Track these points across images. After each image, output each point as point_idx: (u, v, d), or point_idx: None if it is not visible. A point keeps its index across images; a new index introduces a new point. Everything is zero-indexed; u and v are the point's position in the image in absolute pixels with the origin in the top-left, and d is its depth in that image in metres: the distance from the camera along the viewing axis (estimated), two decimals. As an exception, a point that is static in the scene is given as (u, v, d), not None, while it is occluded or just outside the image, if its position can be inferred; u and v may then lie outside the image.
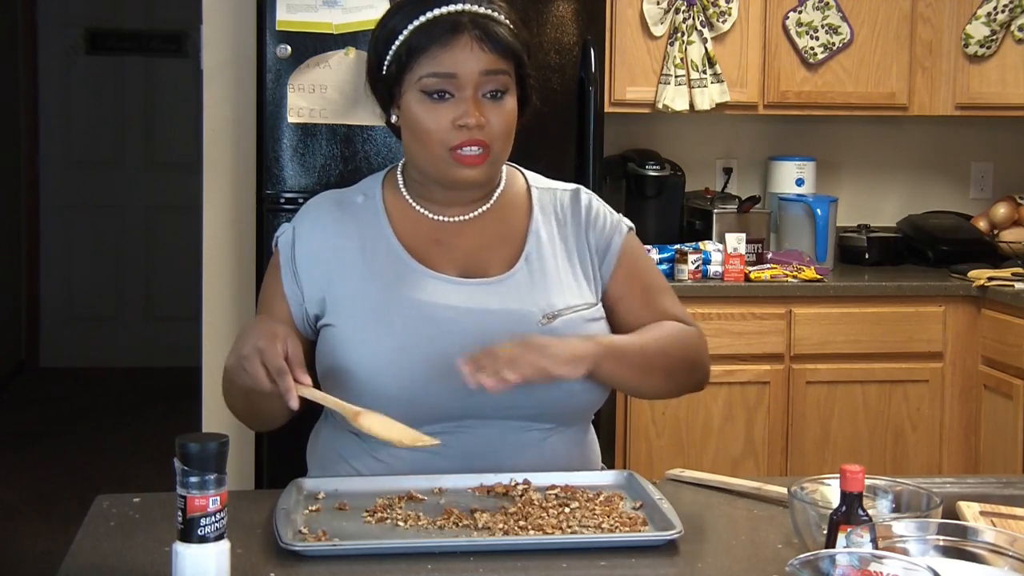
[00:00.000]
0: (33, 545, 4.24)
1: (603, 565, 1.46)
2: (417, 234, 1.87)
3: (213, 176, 3.68)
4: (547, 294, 1.84)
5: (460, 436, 1.75)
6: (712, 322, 3.57)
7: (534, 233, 1.90)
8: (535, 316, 1.81)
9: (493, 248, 1.88)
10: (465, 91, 1.77)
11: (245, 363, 1.62)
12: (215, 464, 1.32)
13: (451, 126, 1.77)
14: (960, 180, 4.38)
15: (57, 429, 5.74)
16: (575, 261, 1.91)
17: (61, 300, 6.97)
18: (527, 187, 1.96)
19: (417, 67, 1.78)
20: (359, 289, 1.82)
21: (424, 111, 1.79)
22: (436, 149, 1.79)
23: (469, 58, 1.76)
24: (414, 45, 1.78)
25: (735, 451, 3.62)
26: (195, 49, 6.06)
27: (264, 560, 1.46)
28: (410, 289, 1.81)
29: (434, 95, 1.78)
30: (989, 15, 3.88)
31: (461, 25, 1.77)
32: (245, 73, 3.57)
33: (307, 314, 1.86)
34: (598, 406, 1.90)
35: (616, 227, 1.96)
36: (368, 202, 1.90)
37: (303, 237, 1.87)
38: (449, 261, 1.86)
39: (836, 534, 1.34)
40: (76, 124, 6.91)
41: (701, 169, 4.18)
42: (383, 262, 1.84)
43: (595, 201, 1.97)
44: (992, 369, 3.64)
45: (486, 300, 1.82)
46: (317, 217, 1.89)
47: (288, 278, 1.86)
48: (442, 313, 1.80)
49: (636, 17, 3.76)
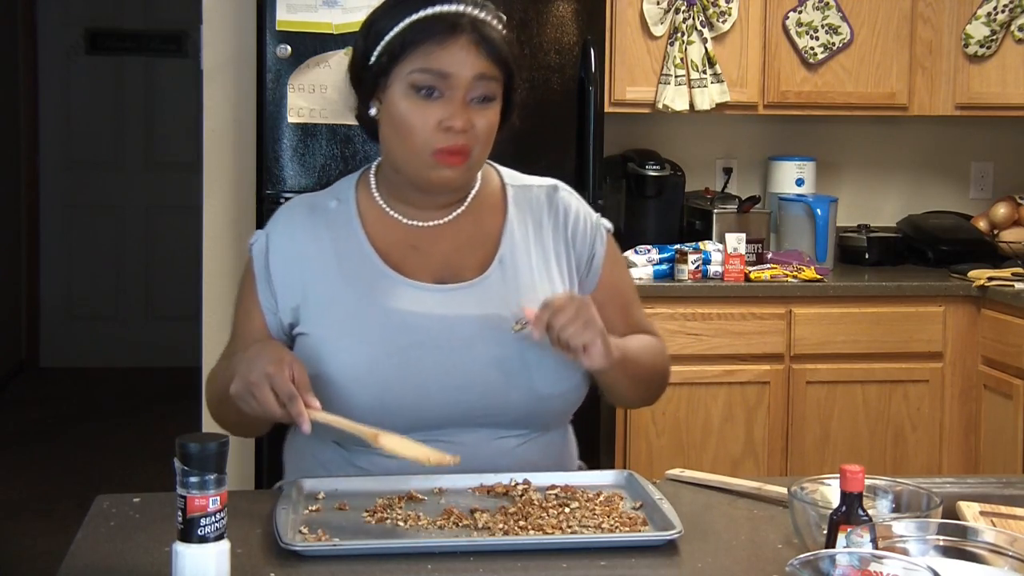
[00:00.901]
0: (33, 545, 4.24)
1: (603, 565, 1.46)
2: (391, 240, 1.85)
3: (213, 176, 3.69)
4: (521, 298, 1.82)
5: (436, 445, 1.71)
6: (712, 322, 3.57)
7: (508, 234, 1.88)
8: (509, 322, 1.79)
9: (467, 251, 1.86)
10: (456, 92, 1.75)
11: (254, 390, 1.60)
12: (215, 464, 1.32)
13: (436, 126, 1.75)
14: (960, 180, 4.38)
15: (57, 429, 5.74)
16: (551, 261, 1.89)
17: (61, 300, 6.97)
18: (502, 185, 1.93)
19: (409, 61, 1.75)
20: (334, 297, 1.80)
21: (411, 107, 1.76)
22: (418, 148, 1.76)
23: (465, 60, 1.74)
24: (409, 39, 1.75)
25: (735, 451, 3.62)
26: (195, 49, 6.06)
27: (264, 560, 1.46)
28: (385, 297, 1.79)
29: (423, 91, 1.75)
30: (989, 15, 3.88)
31: (460, 26, 1.75)
32: (245, 73, 3.57)
33: (282, 323, 1.84)
34: (572, 412, 1.90)
35: (597, 231, 1.95)
36: (341, 207, 1.87)
37: (276, 244, 1.85)
38: (424, 267, 1.83)
39: (836, 534, 1.34)
40: (76, 124, 6.91)
41: (701, 169, 4.18)
42: (357, 269, 1.82)
43: (573, 199, 1.96)
44: (992, 369, 3.64)
45: (460, 306, 1.81)
46: (290, 223, 1.86)
47: (263, 287, 1.84)
48: (417, 322, 1.78)
49: (636, 17, 3.75)
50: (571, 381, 1.82)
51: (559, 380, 1.81)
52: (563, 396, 1.83)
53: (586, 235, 1.94)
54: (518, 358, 1.79)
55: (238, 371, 1.65)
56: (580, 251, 1.93)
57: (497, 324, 1.79)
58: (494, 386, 1.78)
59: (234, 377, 1.65)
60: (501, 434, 1.81)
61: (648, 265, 3.64)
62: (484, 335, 1.79)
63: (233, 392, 1.64)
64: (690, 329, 3.56)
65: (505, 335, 1.78)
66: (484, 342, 1.79)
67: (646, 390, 1.94)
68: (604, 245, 1.95)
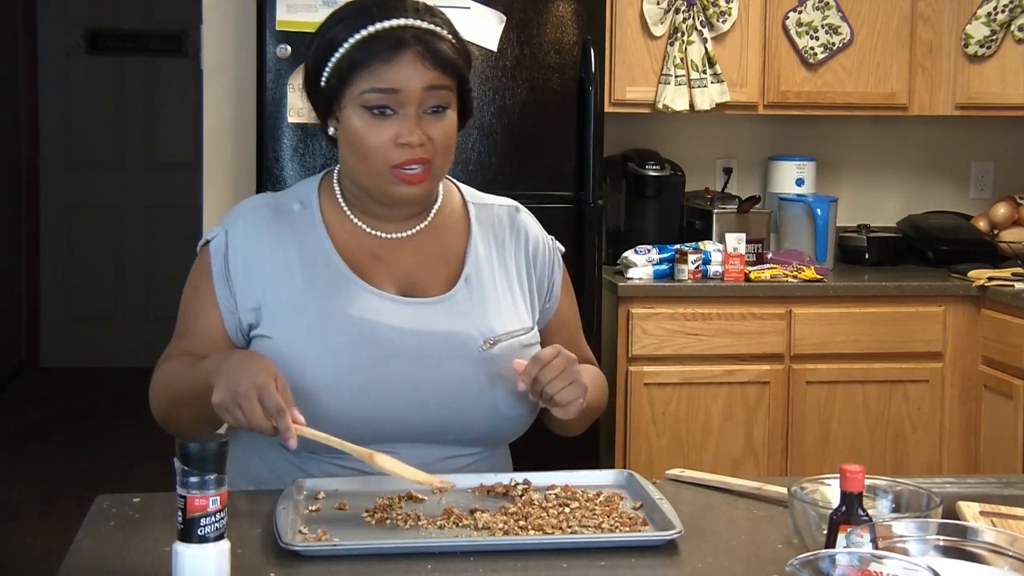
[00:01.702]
0: (33, 545, 4.24)
1: (603, 565, 1.46)
2: (355, 247, 1.83)
3: (213, 176, 3.69)
4: (486, 317, 1.83)
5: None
6: (712, 322, 3.57)
7: (473, 251, 1.88)
8: (476, 340, 1.80)
9: (432, 267, 1.85)
10: (408, 108, 1.74)
11: (242, 402, 1.58)
12: (215, 464, 1.32)
13: (392, 143, 1.74)
14: (960, 180, 4.38)
15: (57, 429, 5.74)
16: (513, 281, 1.90)
17: (61, 300, 6.97)
18: (463, 202, 1.93)
19: (358, 82, 1.74)
20: (298, 303, 1.78)
21: (365, 127, 1.75)
22: (377, 166, 1.76)
23: (412, 74, 1.73)
24: (356, 59, 1.74)
25: (735, 451, 3.62)
26: (195, 49, 6.06)
27: (264, 560, 1.46)
28: (350, 305, 1.78)
29: (375, 110, 1.74)
30: (989, 15, 3.88)
31: (404, 41, 1.73)
32: (245, 73, 3.57)
33: (240, 323, 1.81)
34: (522, 432, 1.90)
35: (554, 256, 1.98)
36: (305, 211, 1.85)
37: (237, 244, 1.82)
38: (387, 277, 1.83)
39: (836, 534, 1.34)
40: (76, 124, 6.91)
41: (701, 169, 4.18)
42: (322, 274, 1.80)
43: (532, 222, 1.97)
44: (992, 369, 3.64)
45: (428, 322, 1.80)
46: (252, 224, 1.83)
47: (221, 285, 1.81)
48: (384, 334, 1.77)
49: (636, 17, 3.75)
50: (530, 403, 1.83)
51: (520, 401, 1.82)
52: (521, 417, 1.85)
53: (546, 260, 1.96)
54: (484, 377, 1.80)
55: (219, 380, 1.61)
56: (541, 275, 1.95)
57: (464, 342, 1.80)
58: (458, 404, 1.79)
59: (209, 384, 1.62)
60: (454, 452, 1.81)
61: (648, 265, 3.64)
62: (451, 352, 1.79)
63: (217, 402, 1.60)
64: (690, 329, 3.56)
65: (472, 353, 1.79)
66: (451, 359, 1.79)
67: (586, 423, 1.96)
68: (561, 271, 1.99)
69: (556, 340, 1.89)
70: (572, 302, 2.02)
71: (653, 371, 3.57)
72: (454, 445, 1.81)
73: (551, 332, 1.95)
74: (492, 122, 3.33)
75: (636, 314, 3.54)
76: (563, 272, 2.00)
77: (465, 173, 3.26)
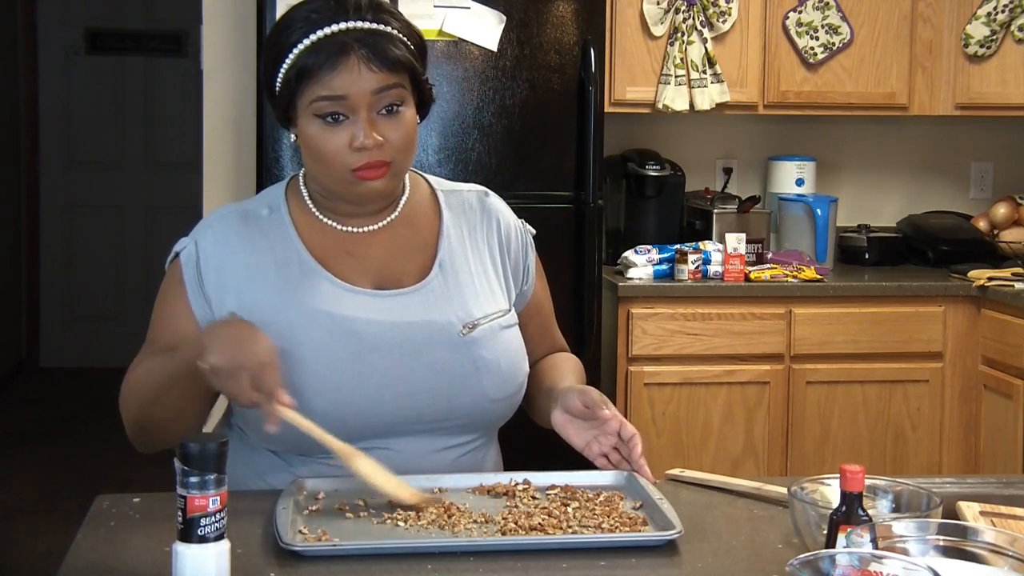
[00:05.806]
0: (33, 545, 4.24)
1: (603, 565, 1.46)
2: (327, 246, 1.83)
3: (213, 176, 3.69)
4: (464, 302, 1.83)
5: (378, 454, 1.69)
6: (712, 322, 3.57)
7: (445, 237, 1.88)
8: (455, 326, 1.80)
9: (405, 257, 1.85)
10: (359, 112, 1.72)
11: (241, 372, 1.56)
12: (215, 464, 1.32)
13: (348, 148, 1.73)
14: (960, 180, 4.38)
15: (57, 429, 5.74)
16: (487, 264, 1.90)
17: (61, 300, 6.97)
18: (432, 191, 1.93)
19: (308, 90, 1.73)
20: (275, 304, 1.77)
21: (319, 134, 1.74)
22: (337, 171, 1.75)
23: (358, 80, 1.71)
24: (302, 68, 1.72)
25: (735, 451, 3.62)
26: (195, 49, 6.06)
27: (264, 560, 1.46)
28: (327, 303, 1.78)
29: (328, 118, 1.73)
30: (989, 15, 3.88)
31: (347, 45, 1.71)
32: (245, 73, 3.57)
33: None
34: (510, 415, 1.90)
35: (526, 239, 1.98)
36: (274, 215, 1.84)
37: (208, 252, 1.81)
38: (362, 272, 1.82)
39: (836, 534, 1.34)
40: (76, 124, 6.91)
41: (701, 169, 4.18)
42: (297, 276, 1.79)
43: (502, 205, 1.97)
44: (992, 369, 3.64)
45: (405, 312, 1.80)
46: (221, 232, 1.82)
47: (195, 294, 1.80)
48: (363, 328, 1.77)
49: (636, 17, 3.76)
50: (516, 385, 1.85)
51: (506, 383, 1.83)
52: (508, 399, 1.85)
53: (520, 243, 1.96)
54: (468, 362, 1.80)
55: (216, 344, 1.58)
56: (516, 258, 1.95)
57: (443, 328, 1.80)
58: (445, 390, 1.79)
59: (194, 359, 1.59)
60: (445, 442, 1.81)
61: (648, 265, 3.64)
62: (432, 340, 1.79)
63: (213, 364, 1.56)
64: (690, 329, 3.57)
65: (452, 339, 1.80)
66: (432, 347, 1.79)
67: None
68: (534, 254, 1.99)
69: (532, 325, 1.93)
70: (545, 286, 2.02)
71: (653, 371, 3.57)
72: (445, 434, 1.81)
73: (528, 317, 1.95)
74: (492, 122, 3.33)
75: (636, 314, 3.55)
76: (535, 256, 2.00)
77: (465, 173, 3.27)
